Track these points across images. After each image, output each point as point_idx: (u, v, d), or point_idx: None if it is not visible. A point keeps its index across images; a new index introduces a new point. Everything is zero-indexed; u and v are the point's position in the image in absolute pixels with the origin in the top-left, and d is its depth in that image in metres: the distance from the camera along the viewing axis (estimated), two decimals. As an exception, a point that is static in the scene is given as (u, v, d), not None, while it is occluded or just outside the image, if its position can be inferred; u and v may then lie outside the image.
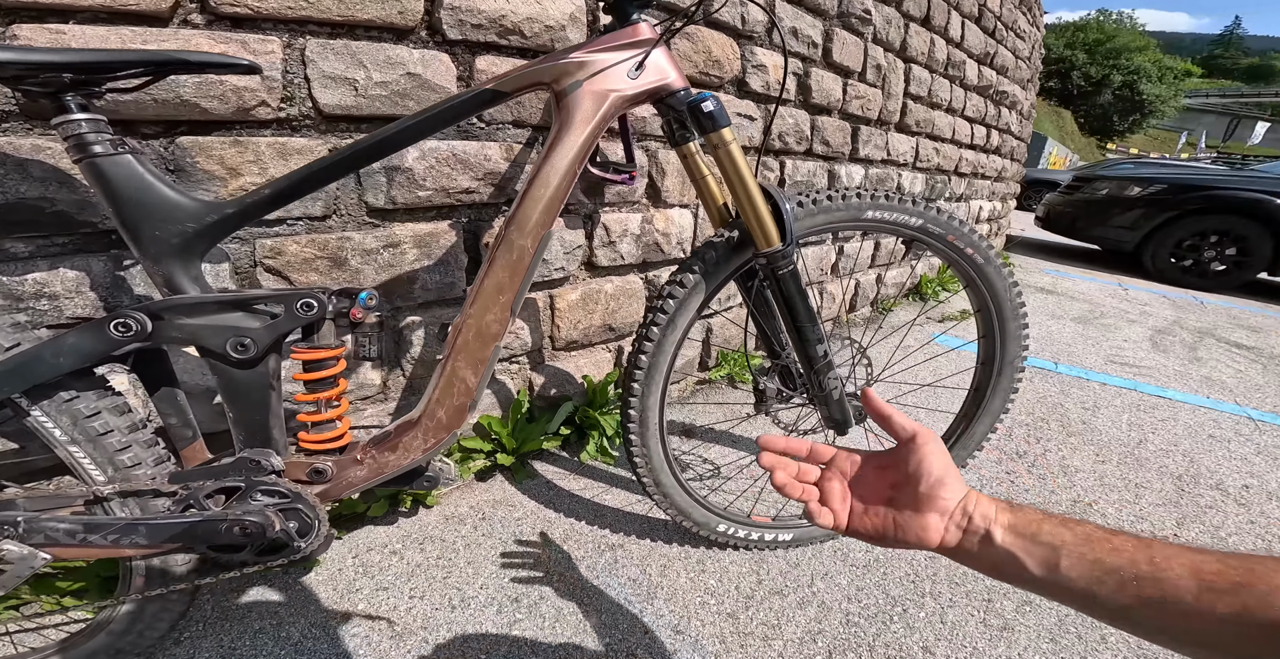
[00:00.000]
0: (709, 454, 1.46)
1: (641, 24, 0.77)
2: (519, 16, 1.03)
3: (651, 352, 0.90)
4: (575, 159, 0.74)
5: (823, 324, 0.93)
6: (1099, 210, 4.69)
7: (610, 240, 1.31)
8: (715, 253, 0.87)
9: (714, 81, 1.44)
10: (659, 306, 0.89)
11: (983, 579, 1.08)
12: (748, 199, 0.81)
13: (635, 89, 0.76)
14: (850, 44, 1.88)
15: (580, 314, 1.33)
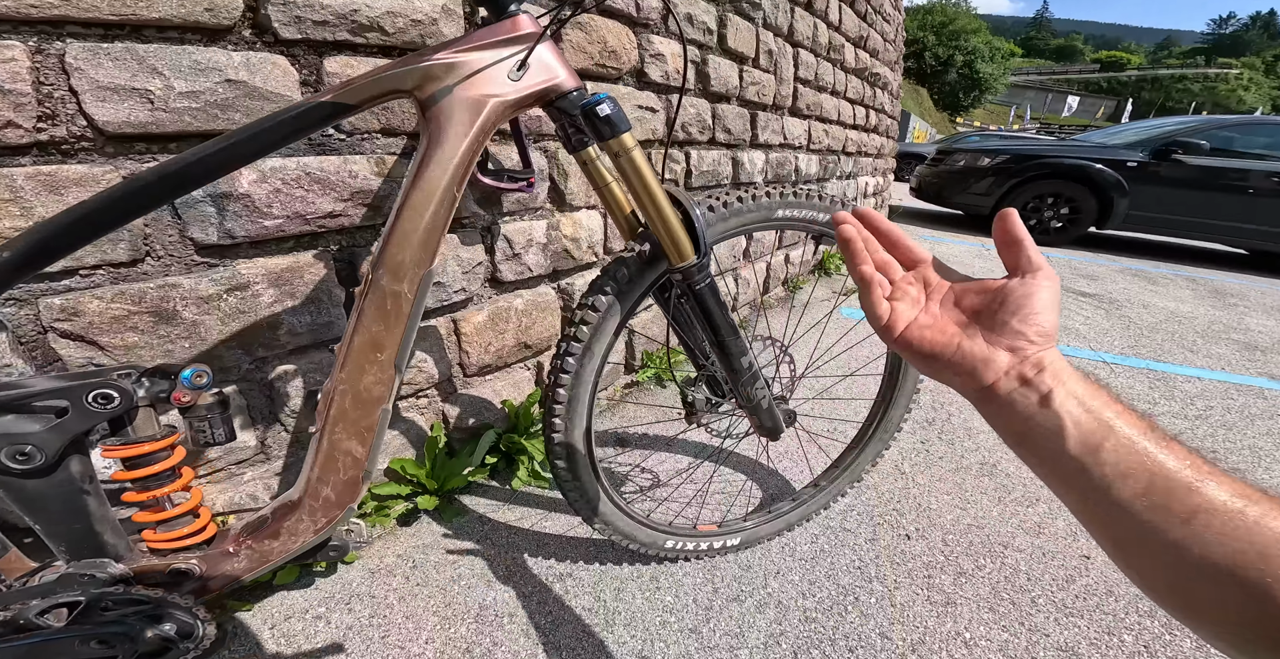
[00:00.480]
0: (648, 463, 1.37)
1: (522, 16, 0.63)
2: (376, 10, 0.83)
3: (570, 384, 0.80)
4: (453, 180, 0.59)
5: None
6: (959, 180, 5.10)
7: (514, 253, 1.15)
8: (627, 270, 0.77)
9: (612, 73, 1.29)
10: (572, 335, 0.78)
11: (919, 556, 1.09)
12: (656, 211, 0.70)
13: (519, 92, 0.61)
14: (744, 29, 1.80)
15: (490, 336, 1.17)
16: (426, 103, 0.58)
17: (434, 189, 0.58)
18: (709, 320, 0.79)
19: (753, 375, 0.87)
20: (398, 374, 0.63)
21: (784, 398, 1.01)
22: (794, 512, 1.12)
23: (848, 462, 1.15)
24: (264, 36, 0.76)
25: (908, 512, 1.23)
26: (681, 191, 0.74)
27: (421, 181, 0.58)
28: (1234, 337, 2.67)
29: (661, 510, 1.18)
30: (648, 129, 1.45)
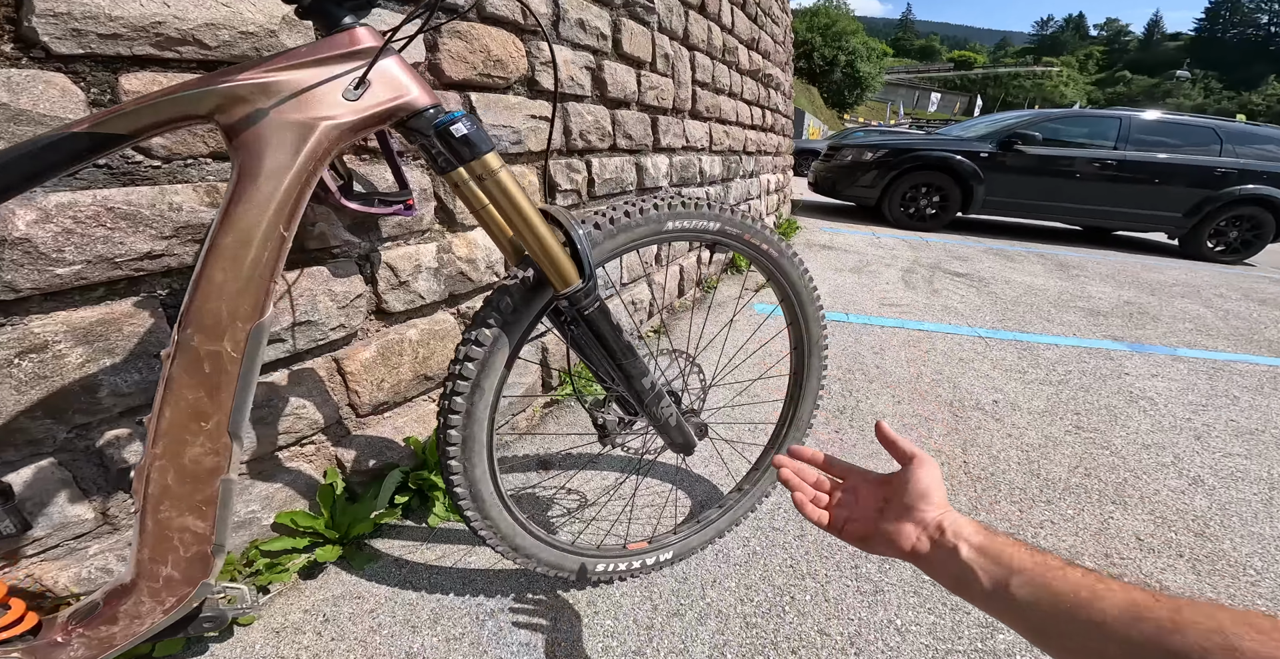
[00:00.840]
0: (574, 483, 1.29)
1: (359, 30, 0.53)
2: (190, 22, 0.68)
3: (461, 424, 0.72)
4: (278, 218, 0.48)
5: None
6: (848, 173, 5.39)
7: (401, 280, 1.02)
8: (510, 299, 0.69)
9: (499, 83, 1.19)
10: (457, 373, 0.70)
11: (845, 547, 1.11)
12: (532, 235, 0.63)
13: (357, 113, 0.51)
14: (639, 34, 1.74)
15: (383, 371, 1.03)
16: (233, 129, 0.46)
17: (251, 230, 0.46)
18: (603, 345, 0.74)
19: (657, 394, 0.83)
20: (235, 441, 0.52)
21: (694, 411, 0.98)
22: (722, 518, 1.10)
23: (767, 462, 1.14)
24: (31, 52, 0.59)
25: None
26: (563, 211, 0.67)
27: (232, 223, 0.46)
28: (1079, 304, 3.02)
29: (591, 531, 1.12)
30: (543, 138, 1.35)
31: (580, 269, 0.66)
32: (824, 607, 0.97)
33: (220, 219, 0.46)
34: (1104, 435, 1.60)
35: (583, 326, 0.71)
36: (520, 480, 1.27)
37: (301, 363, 0.91)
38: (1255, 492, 1.40)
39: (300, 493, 0.97)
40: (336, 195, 0.77)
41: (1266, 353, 2.48)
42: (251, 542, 0.91)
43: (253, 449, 0.89)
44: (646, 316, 2.01)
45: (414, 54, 0.99)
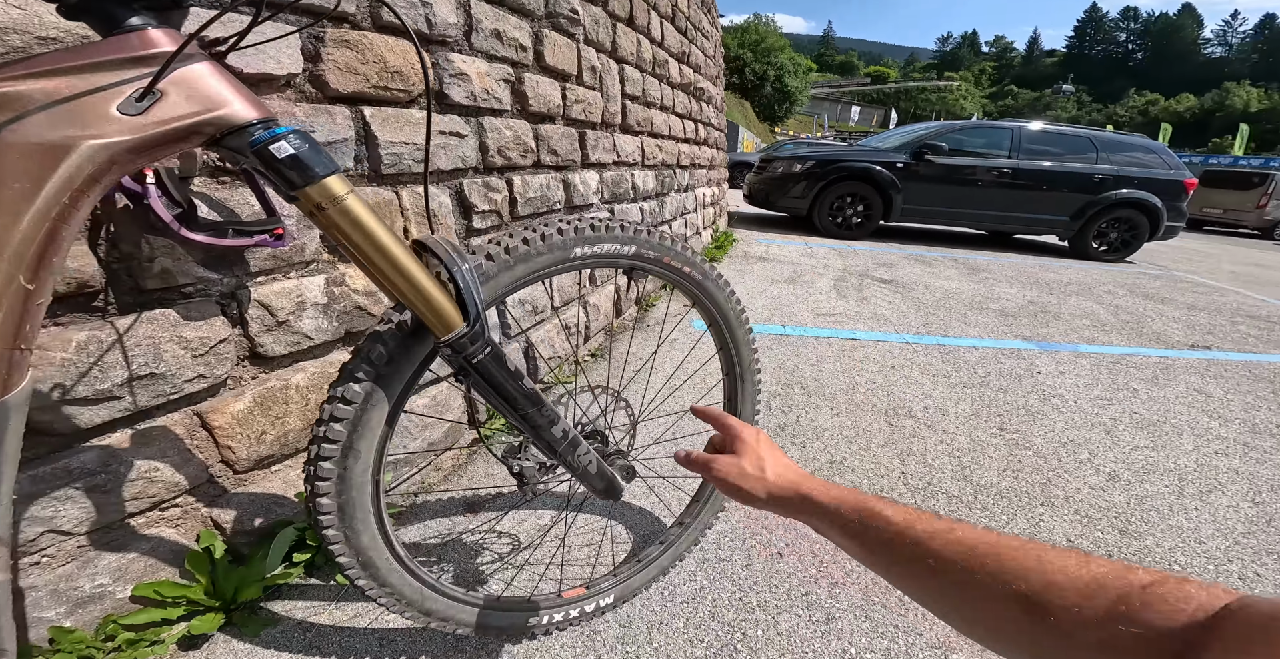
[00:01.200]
0: (505, 525, 1.17)
1: (151, 31, 0.42)
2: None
3: (334, 491, 0.60)
4: (13, 269, 0.35)
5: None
6: (780, 184, 5.52)
7: (281, 320, 0.87)
8: (385, 347, 0.58)
9: (400, 97, 1.07)
10: (323, 435, 0.58)
11: (794, 575, 1.06)
12: (397, 274, 0.52)
13: (138, 131, 0.39)
14: (563, 46, 1.66)
15: (263, 423, 0.88)
16: (-58, 152, 0.33)
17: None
18: (500, 395, 0.64)
19: (571, 442, 0.74)
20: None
21: (620, 452, 0.89)
22: (665, 555, 1.02)
23: (707, 494, 1.07)
24: None
25: (775, 527, 1.19)
26: (443, 242, 0.56)
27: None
28: (991, 306, 3.18)
29: (526, 576, 1.02)
30: (456, 156, 1.24)
31: (464, 311, 0.55)
32: (776, 640, 0.91)
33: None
34: (1025, 436, 1.65)
35: (474, 376, 0.60)
36: (444, 527, 1.14)
37: (149, 421, 0.76)
38: (1167, 484, 1.47)
39: (165, 561, 0.82)
40: (173, 225, 0.63)
41: (1155, 344, 2.69)
42: (106, 617, 0.76)
43: (92, 520, 0.73)
44: (582, 340, 1.91)
45: (288, 64, 0.86)
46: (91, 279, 0.65)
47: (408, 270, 0.52)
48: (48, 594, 0.70)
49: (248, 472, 0.90)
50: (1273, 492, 1.47)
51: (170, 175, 0.64)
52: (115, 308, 0.70)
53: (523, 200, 1.49)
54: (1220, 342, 2.84)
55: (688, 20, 3.06)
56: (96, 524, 0.74)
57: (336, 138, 0.93)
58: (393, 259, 0.51)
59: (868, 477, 1.38)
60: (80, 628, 0.73)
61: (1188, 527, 1.30)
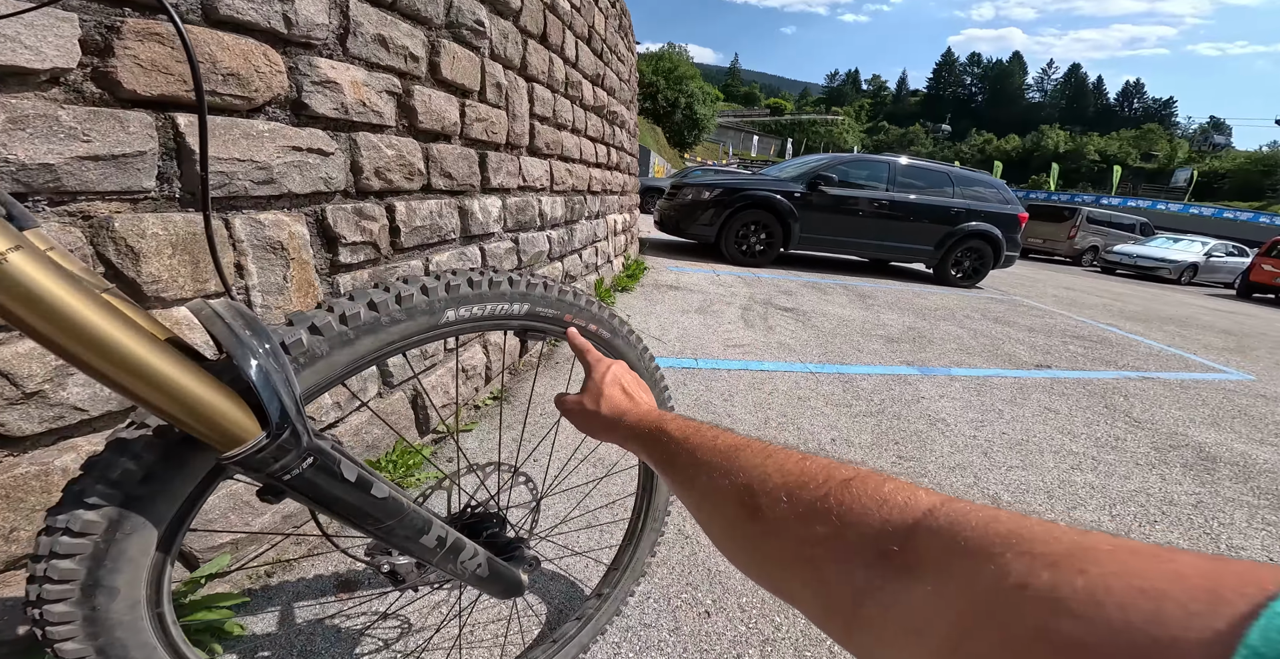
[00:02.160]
0: (387, 603, 0.97)
1: None
2: None
3: (86, 635, 0.42)
4: None
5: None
6: (689, 211, 5.59)
7: (30, 391, 0.62)
8: (135, 464, 0.39)
9: (235, 105, 0.86)
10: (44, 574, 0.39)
11: (723, 634, 0.96)
12: (128, 372, 0.34)
13: None
14: (464, 58, 1.50)
15: (13, 518, 0.62)
16: None
17: None
18: (336, 512, 0.48)
19: (451, 549, 0.58)
20: None
21: (521, 539, 0.75)
22: (584, 631, 0.89)
23: (625, 561, 0.96)
24: None
25: (701, 583, 1.11)
26: (226, 311, 0.39)
27: None
28: (879, 332, 3.42)
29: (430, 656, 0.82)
30: (317, 177, 1.03)
31: (263, 415, 0.39)
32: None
33: None
34: (920, 463, 1.72)
35: (293, 495, 0.44)
36: (311, 612, 0.92)
37: None
38: (1040, 502, 1.59)
39: None
40: None
41: (1009, 365, 3.02)
42: None
43: None
44: (483, 383, 1.71)
45: (52, 56, 0.63)
46: None
47: (145, 364, 0.33)
48: None
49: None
50: (1124, 504, 1.64)
51: None
52: None
53: (407, 229, 1.30)
54: (1057, 361, 3.26)
55: (604, 42, 3.01)
56: None
57: (128, 150, 0.70)
58: (113, 349, 0.32)
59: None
60: None
61: None
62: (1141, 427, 2.30)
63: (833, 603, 0.26)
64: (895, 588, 0.23)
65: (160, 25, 0.74)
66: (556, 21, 2.21)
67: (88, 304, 0.31)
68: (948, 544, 0.22)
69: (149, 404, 0.35)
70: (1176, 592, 0.14)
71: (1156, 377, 3.17)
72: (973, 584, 0.20)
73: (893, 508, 0.26)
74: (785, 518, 0.30)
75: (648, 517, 0.97)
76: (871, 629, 0.24)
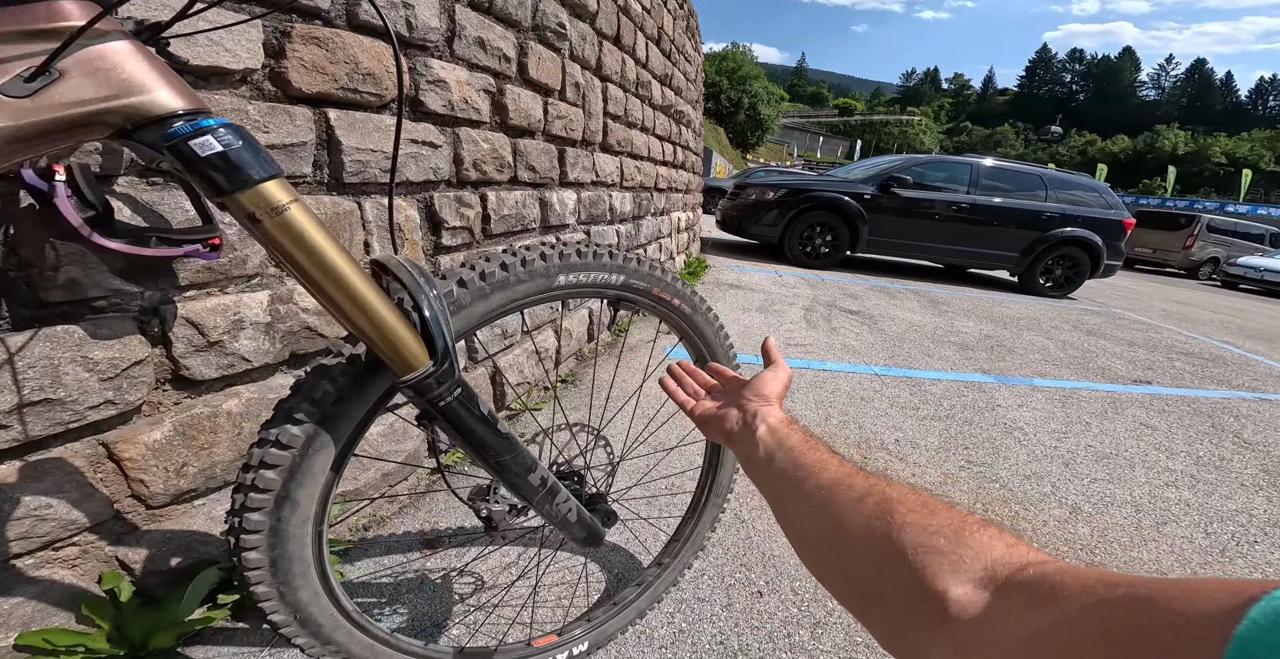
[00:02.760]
0: (466, 561, 1.07)
1: (66, 2, 0.34)
2: None
3: (266, 544, 0.51)
4: None
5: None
6: (752, 212, 5.57)
7: (212, 340, 0.77)
8: (333, 385, 0.50)
9: (370, 100, 0.99)
10: (250, 484, 0.49)
11: (774, 614, 1.01)
12: (348, 300, 0.44)
13: (23, 117, 0.31)
14: (547, 59, 1.62)
15: (185, 454, 0.77)
16: None
17: None
18: (469, 441, 0.56)
19: (549, 491, 0.66)
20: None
21: (601, 495, 0.82)
22: (642, 597, 0.95)
23: (687, 533, 1.01)
24: None
25: (755, 565, 1.14)
26: (408, 264, 0.49)
27: None
28: (952, 339, 3.27)
29: (493, 621, 0.93)
30: (428, 167, 1.16)
31: (431, 347, 0.48)
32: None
33: None
34: (991, 469, 1.65)
35: (441, 420, 0.53)
36: (398, 566, 1.04)
37: (44, 452, 0.64)
38: (1125, 516, 1.49)
39: (59, 605, 0.70)
40: (83, 230, 0.53)
41: (1101, 379, 2.80)
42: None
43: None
44: (554, 365, 1.83)
45: (245, 58, 0.77)
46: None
47: (362, 297, 0.44)
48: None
49: (164, 507, 0.78)
50: (1222, 522, 1.51)
51: (85, 173, 0.55)
52: (8, 323, 0.59)
53: (496, 217, 1.42)
54: (1160, 377, 2.99)
55: (672, 43, 3.09)
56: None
57: (294, 141, 0.85)
58: (344, 283, 0.43)
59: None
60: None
61: (1148, 558, 1.32)
62: (1252, 448, 2.08)
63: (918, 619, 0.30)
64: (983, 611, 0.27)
65: (319, 30, 0.88)
66: (629, 23, 2.31)
67: (333, 247, 0.41)
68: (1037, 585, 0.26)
69: (361, 330, 0.45)
70: (1207, 588, 0.19)
71: (1276, 399, 2.84)
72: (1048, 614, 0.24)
73: (995, 557, 0.30)
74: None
75: (711, 492, 1.01)
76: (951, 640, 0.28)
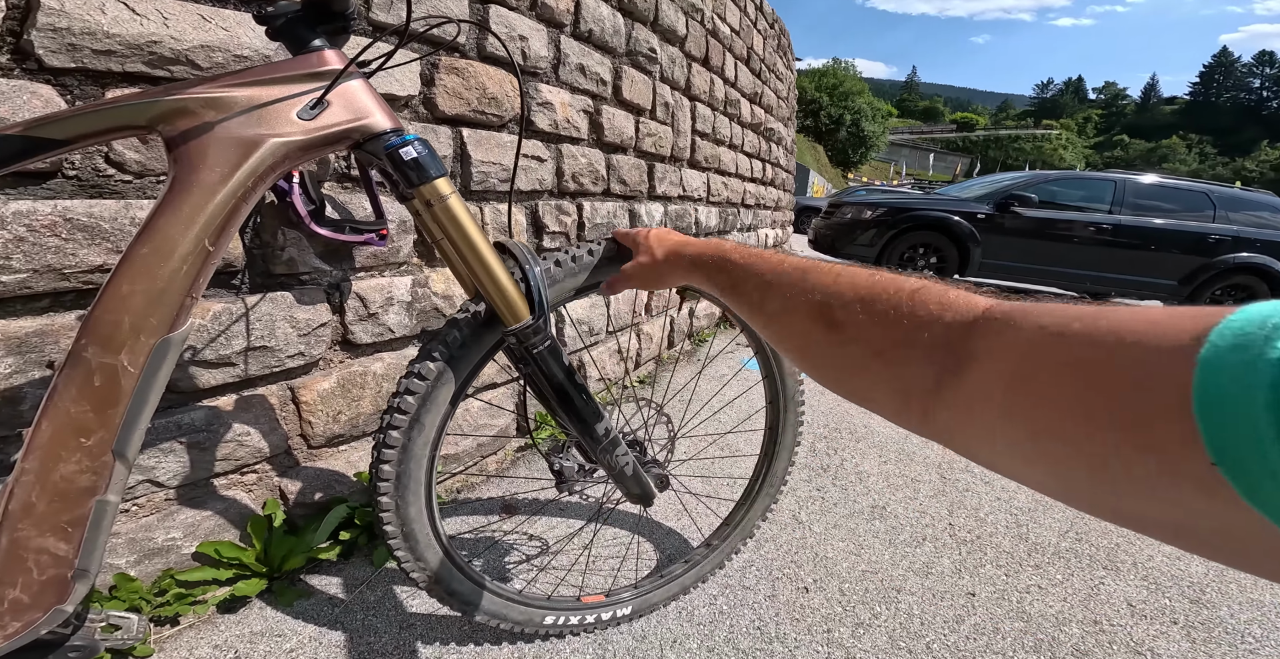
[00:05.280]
0: (536, 528, 1.23)
1: (328, 51, 0.55)
2: (187, 43, 0.71)
3: (396, 460, 0.69)
4: (203, 232, 0.47)
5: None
6: (847, 231, 5.42)
7: (370, 312, 1.00)
8: (460, 333, 0.67)
9: (493, 121, 1.22)
10: (396, 406, 0.67)
11: (817, 610, 1.04)
12: (481, 266, 0.62)
13: (310, 133, 0.51)
14: (639, 81, 1.82)
15: (341, 403, 1.00)
16: (174, 141, 0.46)
17: (172, 242, 0.45)
18: (552, 385, 0.71)
19: (612, 441, 0.79)
20: (120, 461, 0.48)
21: (656, 461, 0.93)
22: (688, 574, 1.03)
23: (738, 518, 1.09)
24: (24, 63, 0.61)
25: (805, 563, 1.18)
26: (522, 244, 0.66)
27: (153, 233, 0.45)
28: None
29: (549, 580, 1.06)
30: (534, 179, 1.38)
31: (532, 305, 0.64)
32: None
33: (141, 229, 0.45)
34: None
35: (532, 365, 0.68)
36: (480, 524, 1.21)
37: (252, 389, 0.88)
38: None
39: (232, 522, 0.93)
40: (307, 220, 0.77)
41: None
42: (165, 570, 0.86)
43: (185, 475, 0.84)
44: (634, 366, 1.98)
45: (408, 87, 1.02)
46: (236, 260, 0.80)
47: (490, 264, 0.62)
48: (125, 542, 0.80)
49: (319, 448, 1.01)
50: None
51: (310, 177, 0.79)
52: (248, 286, 0.84)
53: (590, 225, 1.62)
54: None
55: (762, 62, 3.21)
56: (187, 480, 0.85)
57: (440, 155, 1.08)
58: (479, 253, 0.61)
59: (910, 524, 1.33)
60: (141, 578, 0.82)
61: (1270, 602, 1.17)
62: None
63: (911, 393, 0.30)
64: (964, 371, 0.27)
65: (457, 61, 1.12)
66: (717, 45, 2.47)
67: (475, 228, 0.59)
68: (1002, 326, 0.27)
69: (485, 288, 0.63)
70: (1172, 319, 0.19)
71: None
72: (1019, 343, 0.25)
73: (956, 309, 0.30)
74: (861, 325, 0.33)
75: (765, 481, 1.09)
76: (948, 408, 0.28)
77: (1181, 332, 0.18)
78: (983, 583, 1.16)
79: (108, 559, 0.79)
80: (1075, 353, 0.21)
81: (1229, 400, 0.16)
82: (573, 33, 1.48)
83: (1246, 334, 0.16)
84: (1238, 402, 0.15)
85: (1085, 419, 0.20)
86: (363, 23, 0.93)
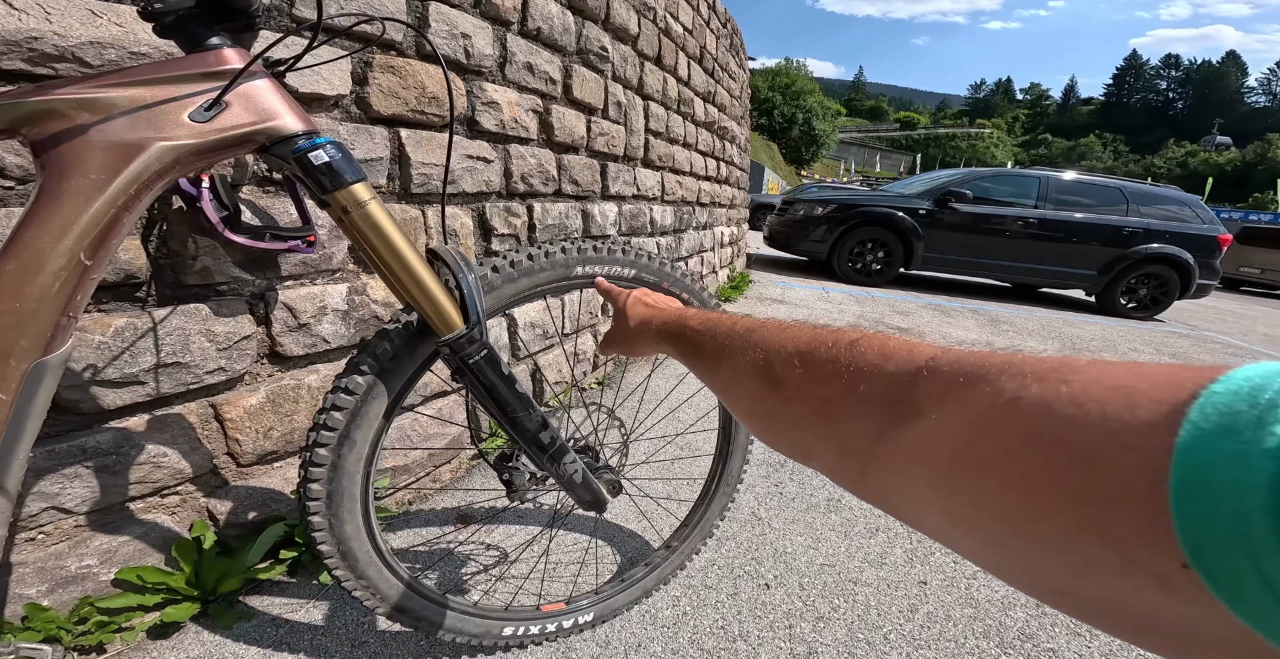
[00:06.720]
0: (492, 537, 1.19)
1: (226, 50, 0.50)
2: (73, 40, 0.63)
3: (326, 477, 0.65)
4: (77, 245, 0.41)
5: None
6: (801, 228, 5.54)
7: (301, 323, 0.94)
8: (390, 344, 0.63)
9: (434, 121, 1.17)
10: (322, 423, 0.63)
11: (779, 606, 1.05)
12: (407, 274, 0.59)
13: (205, 136, 0.46)
14: (590, 80, 1.78)
15: (272, 419, 0.93)
16: (42, 146, 0.40)
17: (39, 256, 0.40)
18: (491, 396, 0.68)
19: (559, 449, 0.77)
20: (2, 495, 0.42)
21: (608, 467, 0.91)
22: (649, 576, 1.02)
23: (696, 519, 1.09)
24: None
25: (765, 559, 1.19)
26: (453, 251, 0.63)
27: (18, 248, 0.39)
28: (1011, 357, 3.14)
29: (507, 590, 1.03)
30: (481, 180, 1.33)
31: (466, 314, 0.61)
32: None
33: (6, 243, 0.39)
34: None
35: (469, 376, 0.65)
36: (434, 535, 1.17)
37: (167, 408, 0.81)
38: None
39: (154, 547, 0.86)
40: (219, 227, 0.70)
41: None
42: (83, 598, 0.79)
43: (95, 500, 0.77)
44: (591, 368, 1.95)
45: (338, 86, 0.96)
46: (138, 271, 0.72)
47: (417, 273, 0.58)
48: (34, 571, 0.73)
49: (250, 466, 0.94)
50: None
51: (223, 182, 0.72)
52: (155, 299, 0.77)
53: (541, 226, 1.58)
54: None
55: (715, 61, 3.23)
56: (97, 505, 0.78)
57: (373, 156, 1.02)
58: (405, 262, 0.57)
59: (864, 516, 1.37)
60: (55, 608, 0.75)
61: None
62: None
63: (848, 450, 0.28)
64: (904, 428, 0.25)
65: (393, 59, 1.06)
66: (670, 44, 2.46)
67: (399, 235, 0.55)
68: (948, 381, 0.24)
69: (414, 298, 0.59)
70: (1144, 387, 0.17)
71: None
72: (970, 405, 0.22)
73: (897, 360, 0.28)
74: (800, 382, 0.32)
75: (721, 480, 1.08)
76: (885, 468, 0.26)
77: (1156, 404, 0.16)
78: (933, 571, 1.19)
79: (16, 590, 0.72)
80: (1030, 424, 0.19)
81: (1215, 499, 0.13)
82: (520, 31, 1.43)
83: (1235, 413, 0.14)
84: (1224, 501, 0.13)
85: (1035, 498, 0.18)
86: (284, 19, 0.86)
